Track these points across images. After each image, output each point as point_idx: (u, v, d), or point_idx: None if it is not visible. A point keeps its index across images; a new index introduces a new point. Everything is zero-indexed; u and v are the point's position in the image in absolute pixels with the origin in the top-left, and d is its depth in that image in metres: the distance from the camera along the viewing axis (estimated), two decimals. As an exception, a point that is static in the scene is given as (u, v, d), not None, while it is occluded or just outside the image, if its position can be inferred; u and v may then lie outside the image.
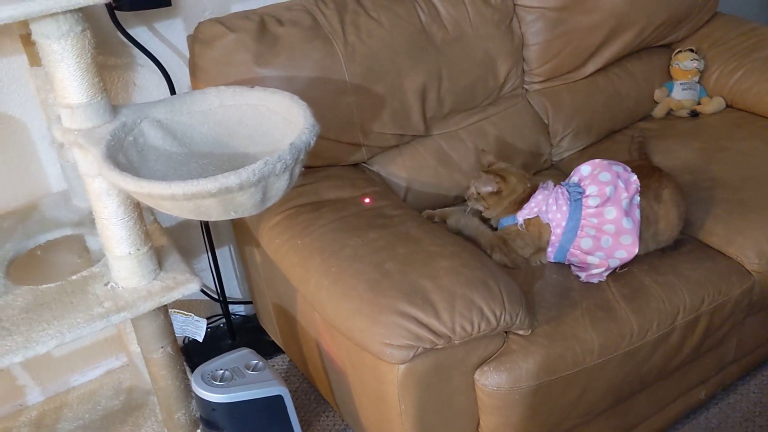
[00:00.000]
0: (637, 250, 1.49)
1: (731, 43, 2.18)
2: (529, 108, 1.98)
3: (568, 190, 1.54)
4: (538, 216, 1.55)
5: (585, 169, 1.56)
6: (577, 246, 1.52)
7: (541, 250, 1.56)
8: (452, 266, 1.35)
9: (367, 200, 1.54)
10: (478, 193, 1.62)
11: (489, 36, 1.85)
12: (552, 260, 1.58)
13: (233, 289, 2.14)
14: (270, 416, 1.46)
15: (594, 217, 1.49)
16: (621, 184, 1.50)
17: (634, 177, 1.52)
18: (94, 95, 1.19)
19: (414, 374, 1.29)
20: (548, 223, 1.54)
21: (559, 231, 1.53)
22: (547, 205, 1.54)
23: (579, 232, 1.51)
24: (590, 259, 1.51)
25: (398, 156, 1.81)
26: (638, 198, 1.51)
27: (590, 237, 1.50)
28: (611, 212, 1.48)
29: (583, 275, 1.52)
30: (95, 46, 1.19)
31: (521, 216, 1.56)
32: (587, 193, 1.51)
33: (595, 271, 1.51)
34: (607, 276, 1.52)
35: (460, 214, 1.72)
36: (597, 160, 1.55)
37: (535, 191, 1.58)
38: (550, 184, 1.58)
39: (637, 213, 1.50)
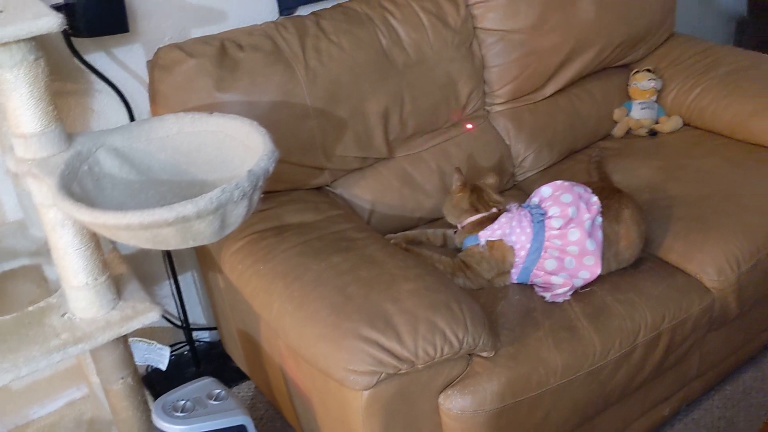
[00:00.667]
0: (599, 271, 1.51)
1: (687, 62, 2.23)
2: (492, 129, 2.00)
3: (530, 212, 1.56)
4: (501, 239, 1.55)
5: (546, 190, 1.57)
6: (541, 267, 1.52)
7: (505, 272, 1.57)
8: (415, 289, 1.35)
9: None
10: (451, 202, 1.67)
11: (450, 58, 1.87)
12: (515, 281, 1.58)
13: (197, 315, 2.11)
14: (233, 446, 1.43)
15: (558, 239, 1.50)
16: (582, 206, 1.51)
17: (595, 198, 1.54)
18: (48, 124, 1.17)
19: (378, 400, 1.28)
20: (512, 246, 1.54)
21: (523, 253, 1.54)
22: (510, 228, 1.55)
23: (543, 253, 1.52)
24: (554, 279, 1.52)
25: (362, 179, 1.81)
26: (600, 219, 1.53)
27: (554, 258, 1.51)
28: (575, 234, 1.49)
29: (548, 295, 1.53)
30: (50, 74, 1.18)
31: (484, 236, 1.57)
32: (550, 214, 1.53)
33: (559, 291, 1.52)
34: (570, 295, 1.53)
35: (422, 236, 1.72)
36: (558, 182, 1.57)
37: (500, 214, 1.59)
38: (514, 207, 1.60)
39: (599, 234, 1.52)
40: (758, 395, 1.88)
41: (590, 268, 1.50)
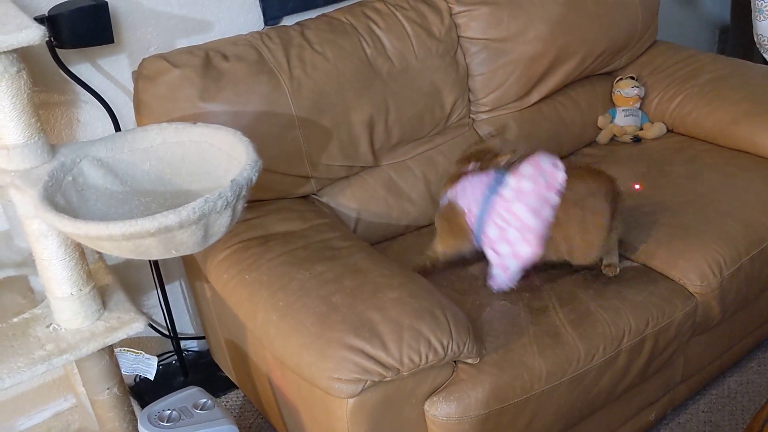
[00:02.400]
0: (540, 251, 1.48)
1: (670, 70, 2.25)
2: (477, 137, 2.01)
3: (493, 178, 1.54)
4: (455, 201, 1.56)
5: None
6: (485, 233, 1.52)
7: (460, 236, 1.56)
8: (399, 297, 1.36)
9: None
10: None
11: (434, 67, 1.88)
12: (476, 244, 1.57)
13: (185, 324, 2.11)
14: (220, 455, 1.43)
15: (503, 210, 1.49)
16: (541, 180, 1.48)
17: (561, 176, 1.49)
18: (30, 136, 1.18)
19: (363, 408, 1.29)
20: (463, 209, 1.54)
21: (472, 218, 1.54)
22: (463, 190, 1.54)
23: (487, 219, 1.51)
24: (500, 248, 1.50)
25: (347, 187, 1.82)
26: (556, 199, 1.48)
27: (497, 227, 1.49)
28: (520, 209, 1.47)
29: (492, 284, 1.55)
30: (33, 85, 1.19)
31: (445, 196, 1.59)
32: (505, 182, 1.50)
33: (495, 272, 1.53)
34: (555, 301, 1.54)
35: None
36: (537, 154, 1.54)
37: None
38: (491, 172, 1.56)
39: (547, 212, 1.47)
40: (743, 399, 1.89)
41: (531, 246, 1.47)
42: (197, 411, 1.42)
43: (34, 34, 1.11)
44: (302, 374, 1.32)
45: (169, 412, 1.40)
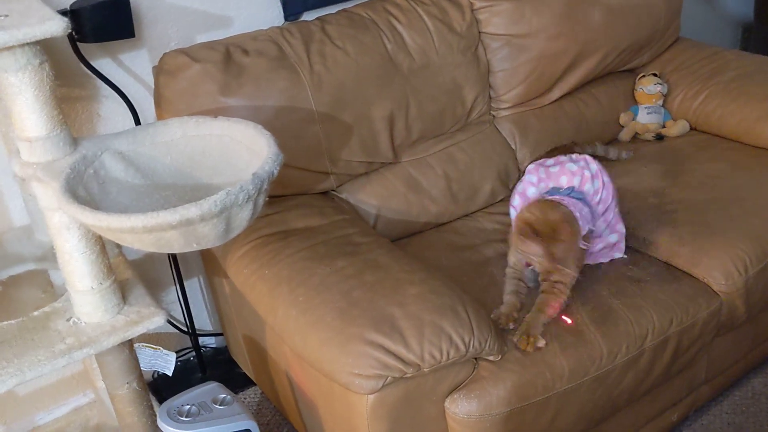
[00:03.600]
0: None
1: (694, 67, 2.22)
2: (497, 134, 2.00)
3: (570, 195, 1.55)
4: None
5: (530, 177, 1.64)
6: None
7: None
8: (421, 293, 1.34)
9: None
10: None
11: (455, 63, 1.87)
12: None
13: (204, 321, 2.11)
14: (238, 451, 1.43)
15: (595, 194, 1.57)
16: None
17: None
18: (53, 128, 1.18)
19: (384, 404, 1.28)
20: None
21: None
22: (588, 219, 1.52)
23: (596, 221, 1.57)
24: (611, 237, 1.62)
25: (367, 183, 1.81)
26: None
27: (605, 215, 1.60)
28: (596, 182, 1.59)
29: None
30: (55, 78, 1.19)
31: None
32: (584, 185, 1.57)
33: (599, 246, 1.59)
34: (577, 299, 1.52)
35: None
36: (531, 167, 1.65)
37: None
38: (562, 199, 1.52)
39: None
40: (767, 401, 1.86)
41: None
42: (216, 406, 1.41)
43: (57, 26, 1.11)
44: (322, 370, 1.31)
45: (189, 407, 1.40)
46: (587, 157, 1.62)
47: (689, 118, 2.17)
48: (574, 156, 1.63)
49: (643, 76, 2.20)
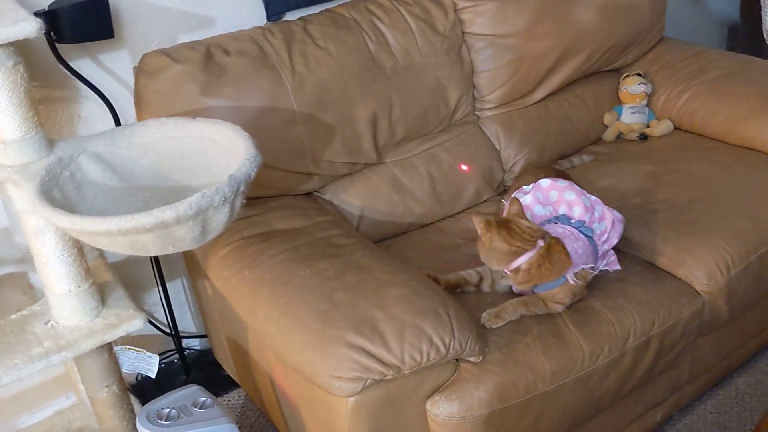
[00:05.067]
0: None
1: (678, 66, 2.22)
2: (482, 134, 1.99)
3: (579, 230, 1.51)
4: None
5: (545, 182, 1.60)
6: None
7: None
8: (402, 294, 1.34)
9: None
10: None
11: (439, 64, 1.86)
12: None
13: (187, 323, 2.10)
14: (219, 454, 1.42)
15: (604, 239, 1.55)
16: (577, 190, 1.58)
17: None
18: (28, 130, 1.16)
19: (364, 406, 1.27)
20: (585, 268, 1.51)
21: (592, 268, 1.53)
22: (579, 257, 1.47)
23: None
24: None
25: (351, 184, 1.80)
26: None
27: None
28: (603, 221, 1.56)
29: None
30: (31, 80, 1.18)
31: (570, 276, 1.46)
32: (587, 222, 1.53)
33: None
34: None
35: (460, 280, 1.58)
36: (545, 183, 1.59)
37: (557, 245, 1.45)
38: (565, 230, 1.50)
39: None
40: (751, 400, 1.87)
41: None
42: (196, 409, 1.40)
43: (30, 27, 1.10)
44: (303, 372, 1.30)
45: (168, 410, 1.39)
46: (598, 200, 1.59)
47: (673, 118, 2.17)
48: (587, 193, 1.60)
49: (628, 75, 2.20)
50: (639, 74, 2.19)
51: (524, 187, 1.65)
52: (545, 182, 1.61)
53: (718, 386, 1.91)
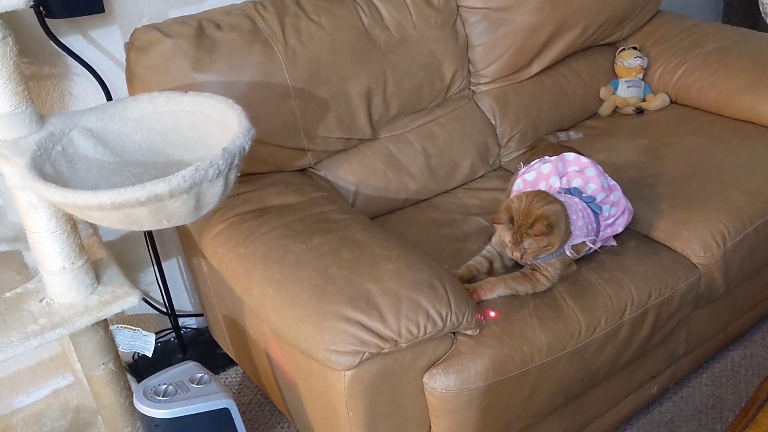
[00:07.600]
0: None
1: (673, 40, 2.21)
2: (477, 109, 1.98)
3: (589, 204, 1.50)
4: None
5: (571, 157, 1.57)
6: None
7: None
8: (397, 269, 1.33)
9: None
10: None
11: (433, 38, 1.85)
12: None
13: (184, 301, 2.09)
14: (216, 430, 1.42)
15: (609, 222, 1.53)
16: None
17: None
18: (18, 105, 1.15)
19: (361, 380, 1.27)
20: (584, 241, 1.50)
21: (590, 243, 1.51)
22: (580, 230, 1.46)
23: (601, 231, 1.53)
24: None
25: (345, 160, 1.79)
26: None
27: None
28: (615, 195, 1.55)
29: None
30: (20, 54, 1.16)
31: (568, 249, 1.45)
32: (598, 200, 1.51)
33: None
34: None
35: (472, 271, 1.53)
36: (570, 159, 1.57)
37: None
38: (569, 200, 1.48)
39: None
40: (746, 373, 1.88)
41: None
42: (194, 385, 1.40)
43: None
44: (299, 347, 1.30)
45: (165, 386, 1.38)
46: (617, 186, 1.57)
47: (669, 92, 2.16)
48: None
49: (623, 49, 2.18)
50: (635, 48, 2.18)
51: (546, 157, 1.62)
52: (570, 155, 1.58)
53: (714, 359, 1.92)
